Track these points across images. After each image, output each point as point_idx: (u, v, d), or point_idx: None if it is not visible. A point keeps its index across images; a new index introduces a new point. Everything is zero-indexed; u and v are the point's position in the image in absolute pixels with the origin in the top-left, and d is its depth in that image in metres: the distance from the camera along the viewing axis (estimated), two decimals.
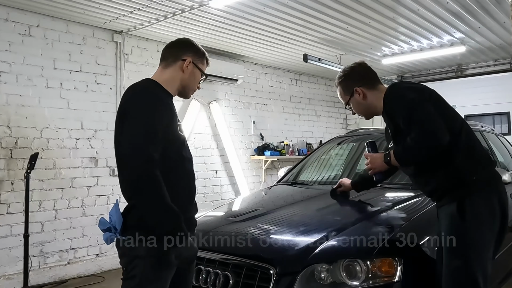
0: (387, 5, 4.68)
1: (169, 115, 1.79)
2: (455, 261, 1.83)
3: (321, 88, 8.60)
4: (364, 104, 2.18)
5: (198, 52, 1.94)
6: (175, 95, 1.93)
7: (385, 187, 2.99)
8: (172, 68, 1.89)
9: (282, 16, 4.88)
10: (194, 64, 1.91)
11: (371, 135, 3.95)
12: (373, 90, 2.16)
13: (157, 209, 1.64)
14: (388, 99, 2.06)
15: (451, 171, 1.93)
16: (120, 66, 5.31)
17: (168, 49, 1.94)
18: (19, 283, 4.08)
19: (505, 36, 5.87)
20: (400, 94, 2.03)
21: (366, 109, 2.21)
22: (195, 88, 1.97)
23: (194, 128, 6.22)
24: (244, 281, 2.08)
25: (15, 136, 4.42)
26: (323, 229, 2.26)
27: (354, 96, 2.18)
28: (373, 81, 2.19)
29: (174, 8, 4.54)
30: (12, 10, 4.44)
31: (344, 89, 2.23)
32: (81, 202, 4.86)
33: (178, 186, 1.77)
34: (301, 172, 3.79)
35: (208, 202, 6.25)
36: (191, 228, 1.86)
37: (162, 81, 1.86)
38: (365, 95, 2.15)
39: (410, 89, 2.03)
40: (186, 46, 1.94)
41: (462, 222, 1.84)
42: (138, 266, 1.70)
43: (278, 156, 7.09)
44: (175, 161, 1.78)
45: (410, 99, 1.95)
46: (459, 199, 1.88)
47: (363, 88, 2.15)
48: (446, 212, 1.93)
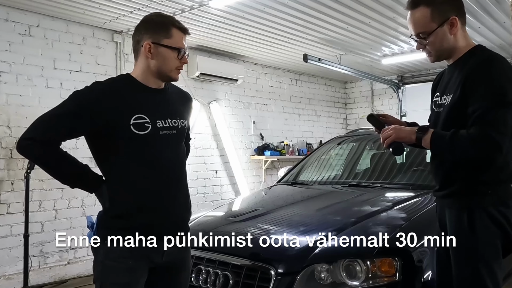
0: (387, 5, 4.68)
1: (115, 110, 1.60)
2: (464, 271, 1.76)
3: (321, 88, 8.60)
4: (449, 40, 1.72)
5: (156, 27, 1.65)
6: (161, 85, 1.73)
7: (385, 187, 2.99)
8: (139, 58, 1.69)
9: (282, 16, 4.88)
10: (155, 43, 1.63)
11: (371, 135, 3.96)
12: (463, 30, 1.74)
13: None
14: (480, 74, 1.62)
15: (474, 175, 1.71)
16: (120, 66, 5.31)
17: (132, 39, 1.74)
18: (19, 283, 4.08)
19: (505, 36, 5.87)
20: (497, 76, 1.61)
21: (447, 49, 1.74)
22: (174, 66, 1.67)
23: (194, 128, 6.21)
24: (244, 281, 2.08)
25: (15, 136, 4.41)
26: (323, 229, 2.26)
27: (444, 26, 1.68)
28: (465, 19, 1.75)
29: (174, 8, 4.54)
30: (12, 10, 4.44)
31: (434, 13, 1.68)
32: (81, 202, 4.86)
33: (136, 183, 1.64)
34: (301, 172, 3.79)
35: (208, 202, 6.25)
36: (168, 232, 1.70)
37: (136, 75, 1.70)
38: (457, 31, 1.70)
39: (509, 79, 1.62)
40: (141, 28, 1.68)
41: (471, 234, 1.71)
42: (97, 269, 1.63)
43: (278, 156, 7.08)
44: (124, 155, 1.64)
45: (504, 92, 1.57)
46: (470, 209, 1.71)
47: (459, 21, 1.70)
48: (456, 218, 1.78)
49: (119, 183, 1.66)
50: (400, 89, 8.39)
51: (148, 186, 1.65)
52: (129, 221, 1.63)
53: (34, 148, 1.59)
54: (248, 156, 7.04)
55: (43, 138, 1.58)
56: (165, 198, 1.69)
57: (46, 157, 1.63)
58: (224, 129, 6.57)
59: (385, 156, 3.49)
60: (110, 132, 1.61)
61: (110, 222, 1.64)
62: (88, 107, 1.60)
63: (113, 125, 1.60)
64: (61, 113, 1.62)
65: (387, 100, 8.67)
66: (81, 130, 1.65)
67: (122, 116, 1.61)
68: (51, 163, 1.65)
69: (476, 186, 1.71)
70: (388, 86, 8.49)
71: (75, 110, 1.61)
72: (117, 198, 1.64)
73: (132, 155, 1.63)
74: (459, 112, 1.66)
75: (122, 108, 1.62)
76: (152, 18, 1.71)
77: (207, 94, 6.44)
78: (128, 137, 1.61)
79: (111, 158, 1.66)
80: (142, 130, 1.62)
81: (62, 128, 1.61)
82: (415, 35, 1.74)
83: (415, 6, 1.71)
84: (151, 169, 1.66)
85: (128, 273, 1.61)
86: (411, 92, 8.28)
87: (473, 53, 1.72)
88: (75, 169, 1.67)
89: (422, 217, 2.38)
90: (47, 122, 1.61)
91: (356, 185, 3.19)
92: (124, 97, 1.65)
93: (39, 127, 1.60)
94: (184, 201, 1.78)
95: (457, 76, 1.71)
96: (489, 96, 1.58)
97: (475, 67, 1.64)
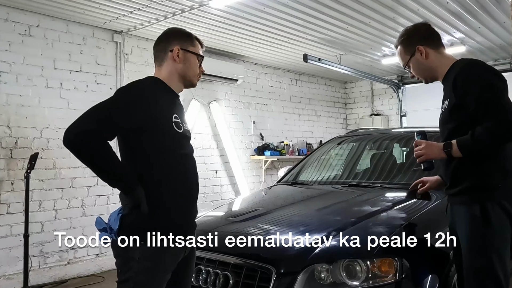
0: (387, 5, 4.68)
1: (158, 109, 1.72)
2: (477, 261, 1.82)
3: (321, 88, 8.60)
4: (425, 64, 2.03)
5: (184, 36, 1.88)
6: (181, 90, 1.89)
7: (385, 187, 2.99)
8: (165, 63, 1.84)
9: (282, 16, 4.88)
10: (184, 49, 1.84)
11: (371, 135, 3.96)
12: (437, 52, 2.02)
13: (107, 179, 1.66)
14: (466, 76, 1.86)
15: (481, 171, 1.84)
16: (120, 66, 5.31)
17: (156, 46, 1.90)
18: (19, 283, 4.08)
19: (505, 36, 5.87)
20: (484, 74, 1.85)
21: (427, 71, 2.05)
22: (197, 72, 1.90)
23: (194, 128, 6.21)
24: (244, 281, 2.08)
25: (15, 136, 4.42)
26: (323, 229, 2.26)
27: (415, 55, 2.03)
28: (437, 43, 2.05)
29: (174, 8, 4.54)
30: (12, 10, 4.44)
31: (405, 48, 2.07)
32: (81, 202, 4.85)
33: (173, 181, 1.74)
34: (301, 172, 3.78)
35: (208, 202, 6.25)
36: (190, 231, 1.83)
37: (163, 78, 1.83)
38: (428, 55, 2.01)
39: (494, 74, 1.87)
40: (169, 37, 1.88)
41: (485, 225, 1.80)
42: (132, 269, 1.65)
43: (278, 156, 7.09)
44: (163, 154, 1.73)
45: (492, 84, 1.81)
46: (482, 202, 1.81)
47: (426, 47, 2.01)
48: (467, 213, 1.86)
49: (157, 182, 1.70)
50: (400, 89, 8.40)
51: (183, 184, 1.77)
52: (167, 220, 1.70)
53: (90, 142, 1.58)
54: (248, 156, 7.04)
55: (99, 131, 1.59)
56: (194, 196, 1.83)
57: (101, 151, 1.60)
58: (224, 129, 6.57)
59: (385, 156, 3.49)
60: (154, 129, 1.69)
61: (147, 222, 1.66)
62: (135, 102, 1.67)
63: (157, 122, 1.70)
64: (111, 108, 1.66)
65: (387, 100, 8.67)
66: (126, 126, 1.67)
67: (165, 114, 1.74)
68: (105, 158, 1.62)
69: (486, 181, 1.83)
70: (388, 86, 8.50)
71: (121, 106, 1.66)
72: (155, 198, 1.68)
73: (171, 153, 1.74)
74: (455, 111, 1.88)
75: (165, 106, 1.76)
76: (178, 29, 1.94)
77: (207, 94, 6.44)
78: (170, 134, 1.73)
79: (150, 157, 1.71)
80: (179, 129, 1.77)
81: (111, 123, 1.64)
82: (403, 67, 2.14)
83: (395, 48, 2.16)
84: (185, 167, 1.79)
85: (162, 272, 1.69)
86: (411, 92, 8.28)
87: (454, 65, 1.97)
88: (121, 166, 1.67)
89: (422, 217, 2.38)
90: (98, 115, 1.63)
91: (356, 185, 3.18)
92: (164, 96, 1.78)
93: (93, 121, 1.60)
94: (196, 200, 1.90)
95: (447, 85, 1.96)
96: (483, 92, 1.79)
97: (459, 71, 1.89)
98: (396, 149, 3.58)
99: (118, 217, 1.68)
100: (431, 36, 2.06)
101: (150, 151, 1.70)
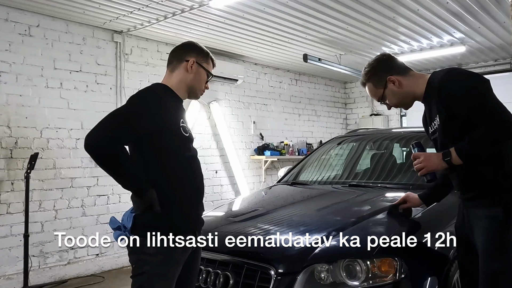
0: (387, 5, 4.68)
1: (169, 115, 1.84)
2: (495, 263, 1.79)
3: (321, 88, 8.60)
4: (401, 92, 2.01)
5: (202, 52, 1.99)
6: (185, 98, 1.98)
7: (385, 187, 2.99)
8: (177, 70, 1.95)
9: (282, 16, 4.88)
10: (198, 63, 1.95)
11: (371, 135, 3.96)
12: (407, 76, 2.02)
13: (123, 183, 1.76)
14: (449, 84, 1.85)
15: (498, 172, 1.83)
16: (120, 66, 5.31)
17: (173, 52, 2.00)
18: (19, 283, 4.08)
19: (505, 36, 5.87)
20: (464, 80, 1.85)
21: (404, 98, 2.03)
22: (203, 87, 2.01)
23: (194, 128, 6.22)
24: (244, 281, 2.08)
25: (15, 136, 4.42)
26: (323, 229, 2.26)
27: (388, 87, 2.02)
28: (404, 68, 2.05)
29: (174, 8, 4.54)
30: (12, 10, 4.44)
31: (375, 83, 2.06)
32: (81, 202, 4.85)
33: (183, 182, 1.86)
34: (301, 172, 3.78)
35: (208, 202, 6.25)
36: (199, 227, 1.95)
37: (171, 85, 1.93)
38: (401, 82, 2.00)
39: (475, 77, 1.87)
40: (189, 48, 2.00)
41: (506, 226, 1.78)
42: (147, 263, 1.75)
43: (278, 156, 7.09)
44: (177, 157, 1.86)
45: (476, 87, 1.81)
46: (504, 203, 1.79)
47: (397, 76, 2.01)
48: (487, 215, 1.83)
49: (168, 184, 1.82)
50: None
51: (191, 185, 1.91)
52: (179, 218, 1.83)
53: (110, 148, 1.69)
54: (248, 156, 7.04)
55: (117, 138, 1.71)
56: (201, 195, 1.97)
57: (119, 156, 1.72)
58: (224, 129, 6.57)
59: (385, 156, 3.49)
60: (165, 134, 1.81)
61: (160, 220, 1.77)
62: (149, 109, 1.78)
63: (168, 127, 1.82)
64: (127, 115, 1.77)
65: None
66: (141, 132, 1.77)
67: (175, 120, 1.87)
68: (122, 163, 1.74)
69: (507, 181, 1.81)
70: None
71: (136, 113, 1.77)
72: (167, 198, 1.79)
73: (180, 156, 1.86)
74: (449, 123, 1.87)
75: (174, 112, 1.89)
76: (198, 45, 2.03)
77: (207, 94, 6.40)
78: (179, 139, 1.86)
79: (162, 160, 1.82)
80: (186, 133, 1.90)
81: (127, 130, 1.75)
82: (378, 101, 2.11)
83: (363, 85, 2.13)
84: (192, 169, 1.93)
85: (175, 265, 1.81)
86: None
87: (430, 81, 1.96)
88: (136, 170, 1.78)
89: (422, 217, 2.38)
90: (117, 122, 1.74)
91: (356, 185, 3.18)
92: (172, 102, 1.90)
93: (112, 128, 1.71)
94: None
95: (431, 102, 1.95)
96: (470, 97, 1.79)
97: (441, 84, 1.87)
98: (396, 149, 3.58)
99: (131, 216, 1.77)
100: (397, 64, 2.06)
101: (162, 155, 1.81)
